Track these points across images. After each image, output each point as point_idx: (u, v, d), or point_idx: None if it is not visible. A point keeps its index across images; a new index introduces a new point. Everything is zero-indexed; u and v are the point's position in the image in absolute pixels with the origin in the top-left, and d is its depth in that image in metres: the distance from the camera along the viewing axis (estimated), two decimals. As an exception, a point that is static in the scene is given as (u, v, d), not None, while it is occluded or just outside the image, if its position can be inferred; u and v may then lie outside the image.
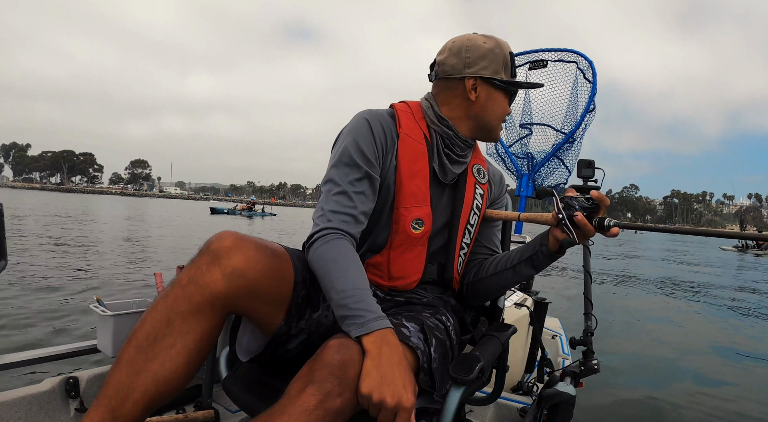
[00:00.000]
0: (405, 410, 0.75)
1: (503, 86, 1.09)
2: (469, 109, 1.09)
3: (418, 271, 1.08)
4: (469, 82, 1.07)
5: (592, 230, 0.91)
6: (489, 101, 1.09)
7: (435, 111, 1.10)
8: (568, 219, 0.91)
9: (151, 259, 6.97)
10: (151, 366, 0.78)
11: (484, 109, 1.09)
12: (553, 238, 0.99)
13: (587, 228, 0.90)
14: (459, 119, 1.10)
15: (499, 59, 1.07)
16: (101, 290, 4.90)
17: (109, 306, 1.50)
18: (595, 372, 1.61)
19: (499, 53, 1.08)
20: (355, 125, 1.03)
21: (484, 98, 1.08)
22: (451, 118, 1.09)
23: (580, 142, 2.72)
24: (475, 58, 1.07)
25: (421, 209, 1.05)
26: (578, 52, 2.66)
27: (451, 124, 1.09)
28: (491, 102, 1.09)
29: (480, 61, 1.07)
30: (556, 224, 0.96)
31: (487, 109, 1.09)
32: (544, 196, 1.03)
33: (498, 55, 1.08)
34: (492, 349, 1.03)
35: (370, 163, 1.01)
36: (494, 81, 1.07)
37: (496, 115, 1.10)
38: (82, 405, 1.36)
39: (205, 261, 0.82)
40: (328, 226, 0.94)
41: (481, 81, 1.07)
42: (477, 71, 1.07)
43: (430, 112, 1.10)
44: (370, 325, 0.80)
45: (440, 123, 1.09)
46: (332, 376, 0.74)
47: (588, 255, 1.88)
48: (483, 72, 1.07)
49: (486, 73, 1.07)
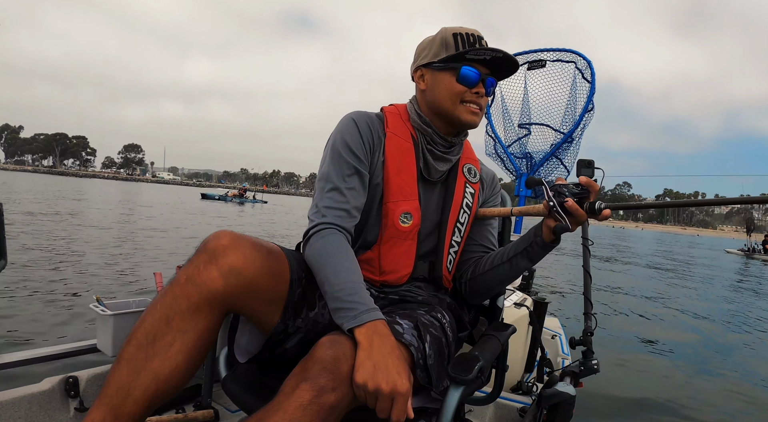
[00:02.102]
0: (401, 395, 0.75)
1: (441, 65, 1.07)
2: (426, 101, 1.12)
3: (408, 265, 1.09)
4: (417, 74, 1.13)
5: (584, 215, 0.92)
6: (435, 84, 1.09)
7: (416, 110, 1.13)
8: (559, 206, 0.93)
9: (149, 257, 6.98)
10: (151, 365, 0.79)
11: (433, 93, 1.10)
12: (546, 228, 0.99)
13: (579, 214, 0.92)
14: (431, 116, 1.12)
15: (437, 43, 1.08)
16: (101, 290, 4.90)
17: (109, 306, 1.50)
18: (595, 372, 1.61)
19: (438, 38, 1.09)
20: (343, 126, 1.08)
21: (430, 83, 1.10)
22: (427, 116, 1.12)
23: (578, 142, 2.73)
24: (419, 51, 1.13)
25: (409, 203, 1.07)
26: (577, 52, 2.67)
27: (429, 121, 1.11)
28: (436, 84, 1.09)
29: (422, 52, 1.11)
30: (548, 213, 0.97)
31: (435, 92, 1.09)
32: (533, 185, 1.05)
33: (436, 39, 1.09)
34: (491, 349, 1.03)
35: (359, 160, 1.05)
36: (433, 64, 1.08)
37: (443, 95, 1.07)
38: (82, 404, 1.36)
39: (202, 260, 0.83)
40: (323, 222, 0.98)
41: (425, 68, 1.11)
42: (419, 61, 1.12)
43: (412, 113, 1.14)
44: (362, 317, 0.82)
45: (420, 121, 1.12)
46: (325, 372, 0.74)
47: (588, 255, 1.88)
48: (423, 60, 1.10)
49: (426, 60, 1.10)
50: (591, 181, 0.93)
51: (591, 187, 0.93)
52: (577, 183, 0.94)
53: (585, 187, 0.93)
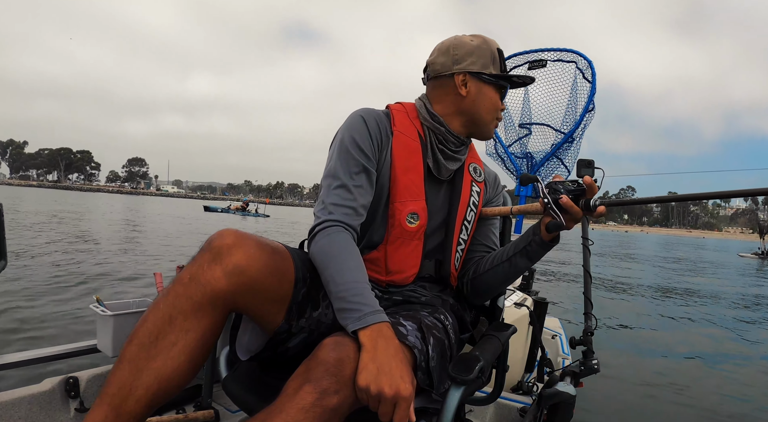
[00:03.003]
0: (404, 400, 0.75)
1: (492, 80, 1.10)
2: (460, 105, 1.11)
3: (415, 265, 1.09)
4: (459, 78, 1.10)
5: (579, 211, 0.92)
6: (479, 95, 1.10)
7: (428, 109, 1.12)
8: (554, 203, 0.92)
9: (148, 255, 6.98)
10: (153, 364, 0.78)
11: (475, 103, 1.10)
12: (544, 226, 0.99)
13: (574, 210, 0.91)
14: (451, 116, 1.12)
15: (486, 54, 1.10)
16: (101, 290, 4.89)
17: (109, 306, 1.50)
18: (595, 372, 1.61)
19: (486, 49, 1.10)
20: (351, 122, 1.07)
21: (474, 93, 1.10)
22: (443, 115, 1.12)
23: (579, 142, 2.73)
24: (462, 54, 1.10)
25: (416, 203, 1.07)
26: (577, 51, 2.66)
27: (443, 120, 1.11)
28: (481, 96, 1.10)
29: (468, 57, 1.09)
30: (543, 210, 0.97)
31: (478, 103, 1.10)
32: (527, 182, 1.05)
33: (485, 50, 1.10)
34: (492, 349, 1.03)
35: (366, 157, 1.04)
36: (483, 75, 1.09)
37: (487, 109, 1.11)
38: (82, 405, 1.36)
39: (206, 259, 0.82)
40: (329, 219, 0.97)
41: (471, 76, 1.10)
42: (466, 67, 1.09)
43: (423, 111, 1.13)
44: (366, 319, 0.82)
45: (432, 120, 1.11)
46: (328, 374, 0.74)
47: (588, 255, 1.88)
48: (472, 67, 1.09)
49: (475, 68, 1.09)
50: (591, 180, 0.93)
51: (591, 188, 0.92)
52: (574, 180, 0.94)
53: (582, 184, 0.93)
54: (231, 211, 36.66)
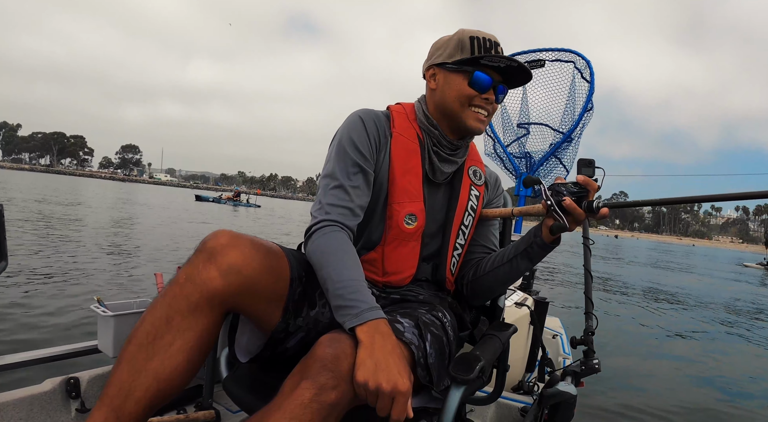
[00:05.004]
0: (402, 394, 0.75)
1: (455, 67, 1.06)
2: (434, 100, 1.11)
3: (412, 267, 1.09)
4: (429, 72, 1.12)
5: (582, 213, 0.91)
6: (445, 85, 1.09)
7: (423, 111, 1.13)
8: (557, 205, 0.92)
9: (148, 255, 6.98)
10: (151, 365, 0.79)
11: (443, 93, 1.09)
12: (546, 228, 0.99)
13: (577, 212, 0.91)
14: (439, 117, 1.11)
15: (452, 44, 1.07)
16: (101, 290, 4.89)
17: (110, 307, 1.50)
18: (596, 372, 1.60)
19: (455, 39, 1.08)
20: (349, 123, 1.07)
21: (441, 83, 1.09)
22: (434, 117, 1.12)
23: (578, 142, 2.73)
24: (433, 50, 1.12)
25: (414, 205, 1.07)
26: (575, 51, 2.67)
27: (435, 122, 1.11)
28: (447, 85, 1.08)
29: (437, 51, 1.10)
30: (546, 212, 0.97)
31: (445, 92, 1.09)
32: (530, 184, 1.04)
33: (453, 40, 1.08)
34: (492, 349, 1.03)
35: (364, 158, 1.04)
36: (446, 64, 1.08)
37: (453, 97, 1.07)
38: (83, 405, 1.36)
39: (201, 259, 0.82)
40: (326, 219, 0.97)
41: (437, 67, 1.10)
42: (433, 60, 1.10)
43: (420, 113, 1.13)
44: (363, 316, 0.82)
45: (427, 122, 1.11)
46: (325, 370, 0.74)
47: (589, 254, 1.88)
48: (437, 59, 1.10)
49: (440, 60, 1.09)
50: (589, 179, 0.93)
51: (589, 186, 0.93)
52: (575, 182, 0.94)
53: (583, 185, 0.93)
54: (223, 201, 36.98)
